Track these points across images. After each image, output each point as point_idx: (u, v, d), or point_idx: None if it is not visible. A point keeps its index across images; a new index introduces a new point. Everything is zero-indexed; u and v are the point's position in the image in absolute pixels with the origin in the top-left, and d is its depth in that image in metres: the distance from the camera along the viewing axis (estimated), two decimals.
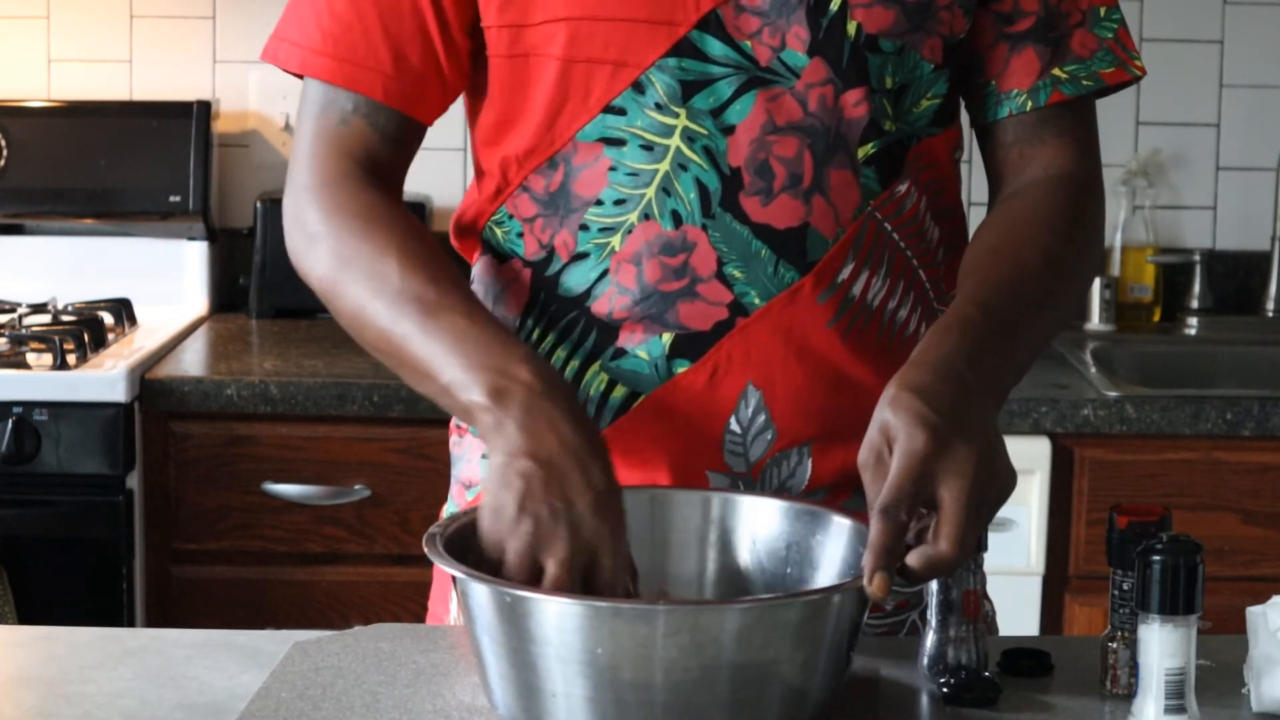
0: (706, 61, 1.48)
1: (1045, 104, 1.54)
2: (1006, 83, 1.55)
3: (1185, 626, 1.25)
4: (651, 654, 1.19)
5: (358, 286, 1.46)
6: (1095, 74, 1.55)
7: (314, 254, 1.50)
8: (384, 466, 2.84)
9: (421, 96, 1.53)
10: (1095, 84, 1.55)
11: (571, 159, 1.51)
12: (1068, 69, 1.55)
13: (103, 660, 1.44)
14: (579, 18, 1.48)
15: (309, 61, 1.53)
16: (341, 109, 1.53)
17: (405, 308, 1.43)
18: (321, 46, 1.52)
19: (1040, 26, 1.54)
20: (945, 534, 1.27)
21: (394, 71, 1.52)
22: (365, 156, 1.52)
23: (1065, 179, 1.55)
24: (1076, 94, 1.55)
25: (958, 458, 1.28)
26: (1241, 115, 3.47)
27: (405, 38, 1.52)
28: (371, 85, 1.51)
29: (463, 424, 1.64)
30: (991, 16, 1.55)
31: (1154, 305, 3.45)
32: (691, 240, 1.49)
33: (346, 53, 1.51)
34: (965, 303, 1.42)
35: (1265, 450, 2.84)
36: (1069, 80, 1.55)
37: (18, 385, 2.76)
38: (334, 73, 1.52)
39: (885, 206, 1.52)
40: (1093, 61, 1.55)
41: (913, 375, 1.33)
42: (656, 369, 1.51)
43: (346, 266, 1.47)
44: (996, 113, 1.56)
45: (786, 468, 1.52)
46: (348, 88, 1.52)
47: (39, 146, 3.31)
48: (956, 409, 1.31)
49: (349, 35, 1.52)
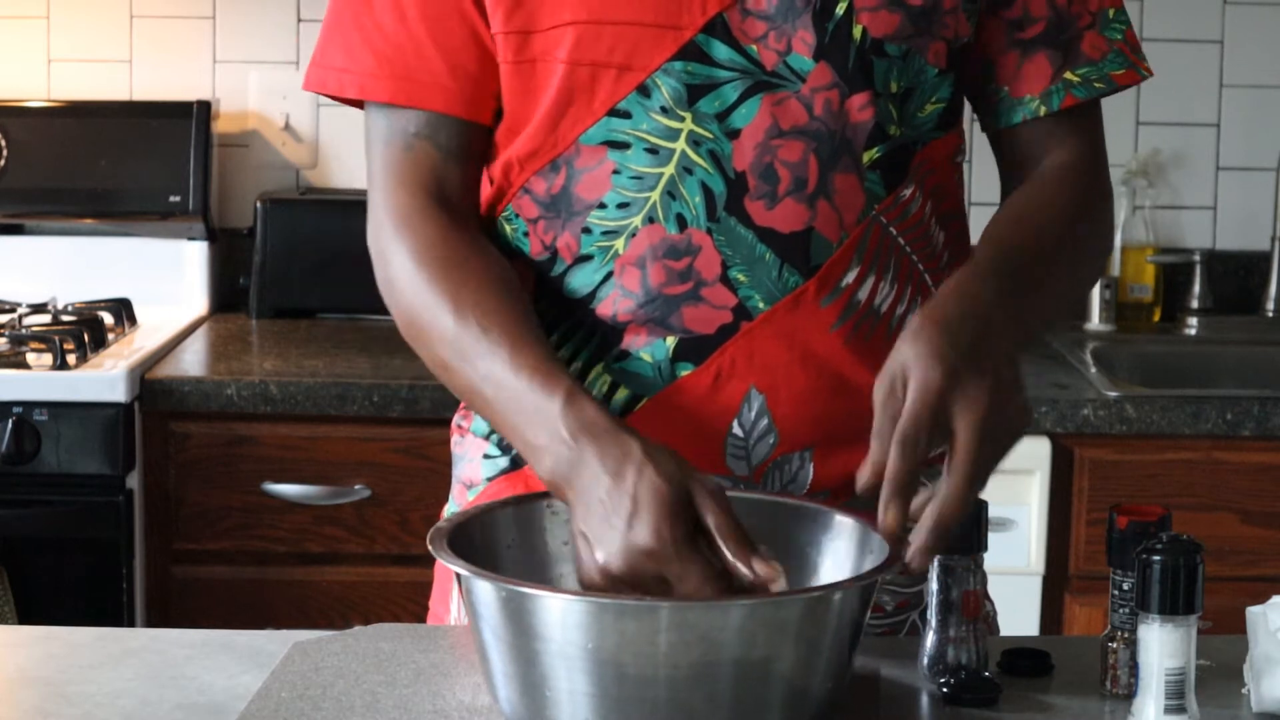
0: (712, 65, 1.48)
1: (1059, 108, 1.56)
2: (1019, 89, 1.56)
3: (1185, 626, 1.25)
4: (654, 651, 1.19)
5: (434, 347, 1.48)
6: (1107, 76, 1.57)
7: (394, 297, 1.53)
8: (384, 466, 2.84)
9: (481, 100, 1.53)
10: (1107, 86, 1.57)
11: (574, 162, 1.51)
12: (1079, 72, 1.56)
13: (103, 660, 1.44)
14: (585, 22, 1.48)
15: (367, 86, 1.53)
16: (404, 132, 1.53)
17: (465, 358, 1.45)
18: (376, 69, 1.52)
19: (1050, 31, 1.55)
20: (958, 467, 1.31)
21: (452, 81, 1.52)
22: (436, 185, 1.53)
23: (1079, 173, 1.57)
24: (1089, 97, 1.56)
25: (971, 392, 1.32)
26: (1241, 115, 3.47)
27: (457, 45, 1.52)
28: (433, 100, 1.52)
29: (463, 424, 1.64)
30: (1002, 24, 1.56)
31: (1154, 305, 3.45)
32: (696, 244, 1.49)
33: (403, 71, 1.52)
34: (989, 248, 1.46)
35: (1265, 450, 2.84)
36: (1081, 84, 1.56)
37: (18, 385, 2.76)
38: (395, 93, 1.52)
39: (890, 211, 1.52)
40: (1104, 64, 1.57)
41: (935, 309, 1.36)
42: (660, 372, 1.51)
43: (419, 322, 1.50)
44: (1010, 119, 1.57)
45: (788, 471, 1.52)
46: (410, 105, 1.52)
47: (39, 146, 3.31)
48: (975, 344, 1.34)
49: (402, 54, 1.52)
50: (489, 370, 1.42)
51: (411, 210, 1.52)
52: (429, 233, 1.51)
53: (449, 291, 1.47)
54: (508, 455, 1.58)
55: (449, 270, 1.48)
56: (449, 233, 1.51)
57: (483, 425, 1.60)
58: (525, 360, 1.41)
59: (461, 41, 1.52)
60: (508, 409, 1.41)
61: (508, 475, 1.58)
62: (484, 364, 1.43)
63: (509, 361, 1.41)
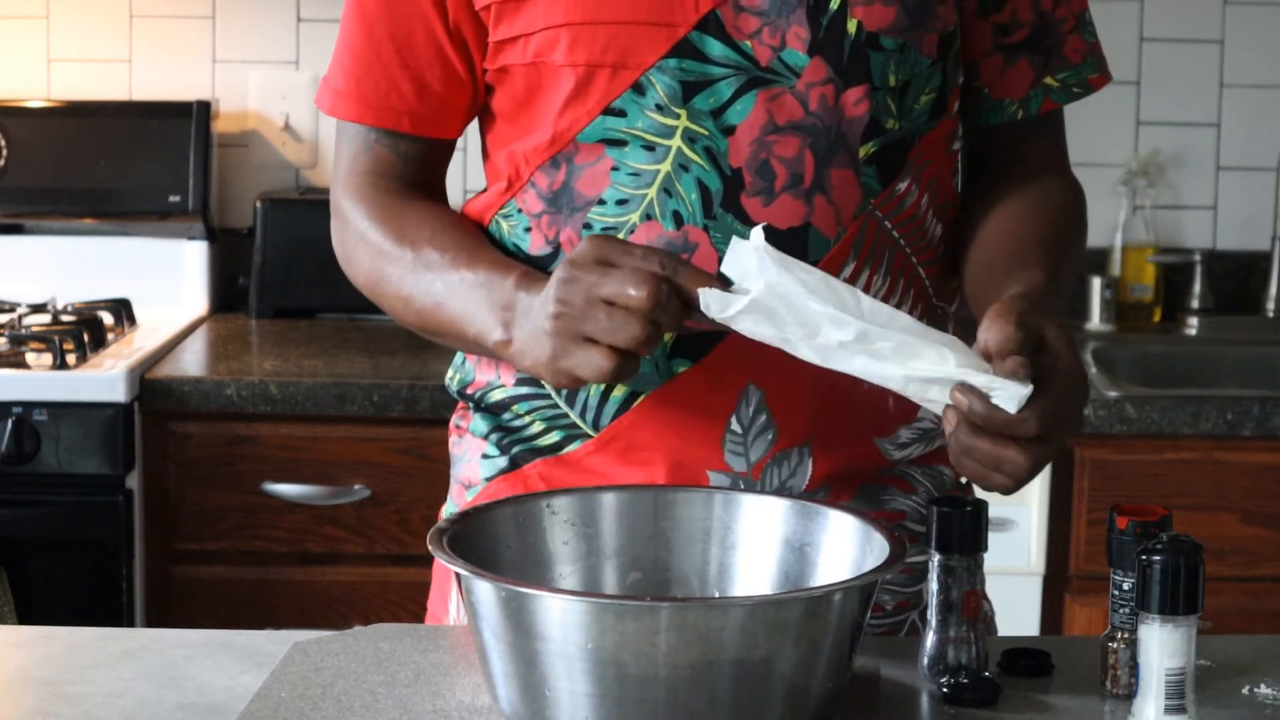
0: (706, 62, 1.48)
1: (1036, 114, 1.60)
2: (1000, 91, 1.60)
3: (1185, 626, 1.25)
4: (654, 651, 1.19)
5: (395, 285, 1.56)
6: (1084, 80, 1.62)
7: (351, 262, 1.61)
8: (384, 466, 2.84)
9: (446, 119, 1.59)
10: (1084, 91, 1.62)
11: (573, 159, 1.52)
12: (1059, 76, 1.60)
13: (102, 660, 1.44)
14: (580, 22, 1.48)
15: (337, 105, 1.61)
16: (365, 139, 1.61)
17: (424, 280, 1.53)
18: (346, 88, 1.59)
19: (1034, 36, 1.59)
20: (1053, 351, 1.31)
21: (417, 103, 1.58)
22: (390, 173, 1.60)
23: (1056, 173, 1.62)
24: (1066, 102, 1.62)
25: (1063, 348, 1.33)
26: (1241, 115, 3.47)
27: (424, 65, 1.57)
28: (398, 121, 1.59)
29: (461, 424, 1.64)
30: (990, 28, 1.58)
31: (1154, 305, 3.45)
32: (693, 241, 1.49)
33: (370, 92, 1.58)
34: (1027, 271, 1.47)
35: (1265, 450, 2.84)
36: (1060, 89, 1.61)
37: (17, 385, 2.76)
38: (360, 114, 1.60)
39: (885, 205, 1.52)
40: (1082, 67, 1.61)
41: (1019, 298, 1.36)
42: (657, 368, 1.51)
43: (376, 272, 1.57)
44: (989, 119, 1.62)
45: (787, 467, 1.52)
46: (375, 126, 1.59)
47: (39, 146, 3.31)
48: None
49: (370, 74, 1.58)
50: (447, 280, 1.51)
51: (362, 185, 1.60)
52: (379, 200, 1.59)
53: (404, 234, 1.56)
54: (506, 455, 1.58)
55: (400, 219, 1.57)
56: (400, 198, 1.59)
57: (481, 425, 1.61)
58: (481, 261, 1.50)
59: (428, 62, 1.57)
60: (466, 304, 1.49)
61: (506, 475, 1.58)
62: (442, 278, 1.51)
63: (466, 265, 1.50)
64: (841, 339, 1.32)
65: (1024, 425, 1.29)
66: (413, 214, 1.57)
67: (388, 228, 1.57)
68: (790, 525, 1.41)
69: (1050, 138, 1.64)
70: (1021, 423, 1.29)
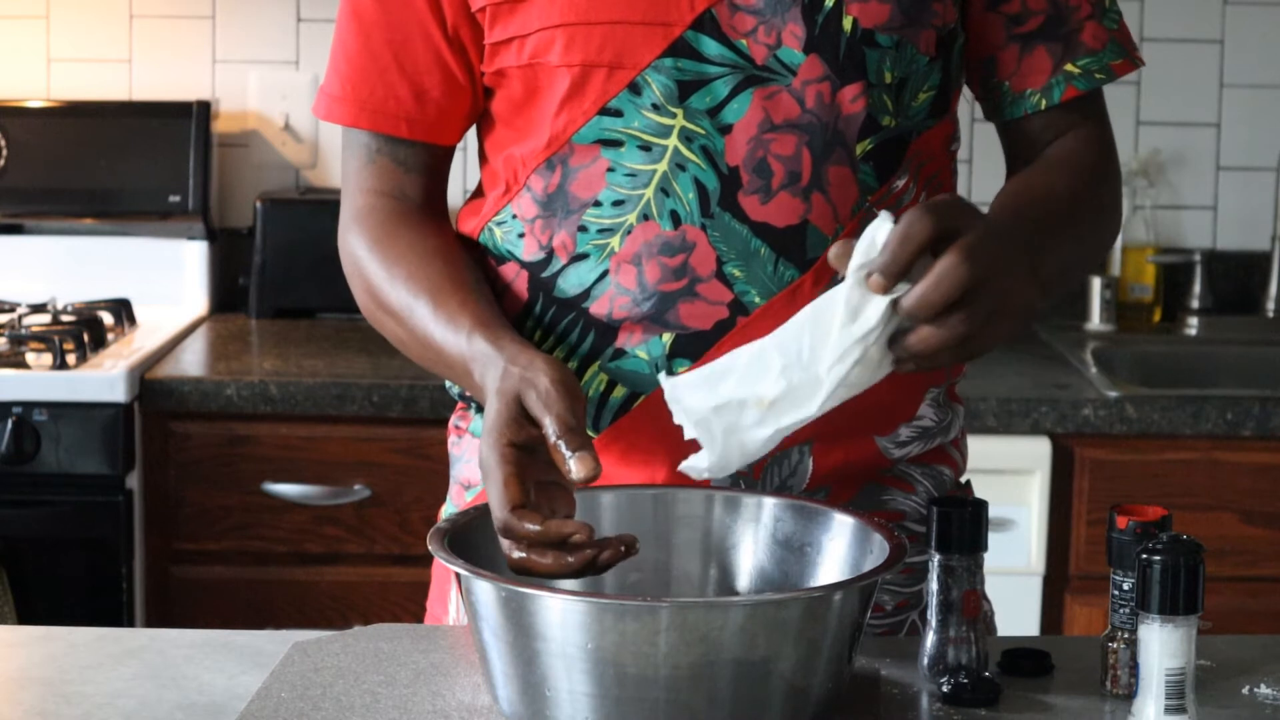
0: (702, 61, 1.48)
1: (1060, 101, 1.56)
2: (1020, 83, 1.57)
3: (1185, 626, 1.25)
4: (654, 651, 1.19)
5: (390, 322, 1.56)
6: (1107, 66, 1.58)
7: (355, 288, 1.60)
8: (384, 466, 2.84)
9: (445, 124, 1.58)
10: (1107, 76, 1.58)
11: (568, 160, 1.52)
12: (1080, 63, 1.57)
13: (102, 660, 1.44)
14: (575, 23, 1.48)
15: (333, 110, 1.60)
16: (367, 148, 1.60)
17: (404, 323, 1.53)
18: (342, 93, 1.59)
19: (1049, 24, 1.56)
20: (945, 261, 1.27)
21: (415, 108, 1.57)
22: (397, 190, 1.60)
23: (1084, 150, 1.58)
24: (1089, 88, 1.57)
25: (990, 245, 1.29)
26: (1241, 115, 3.47)
27: (422, 70, 1.56)
28: (395, 126, 1.58)
29: (460, 424, 1.64)
30: (1001, 19, 1.56)
31: (1154, 305, 3.45)
32: (691, 240, 1.49)
33: (367, 97, 1.58)
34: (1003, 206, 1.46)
35: (1265, 450, 2.84)
36: (1081, 75, 1.57)
37: (17, 385, 2.76)
38: (357, 118, 1.59)
39: (883, 202, 1.52)
40: (1104, 54, 1.57)
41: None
42: (657, 369, 1.51)
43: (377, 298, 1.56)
44: (1013, 112, 1.58)
45: (787, 466, 1.52)
46: (372, 130, 1.58)
47: (39, 146, 3.31)
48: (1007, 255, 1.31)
49: (367, 79, 1.57)
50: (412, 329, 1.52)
51: (363, 207, 1.60)
52: (376, 224, 1.58)
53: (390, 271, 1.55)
54: None
55: (387, 251, 1.56)
56: (398, 223, 1.58)
57: (481, 425, 1.60)
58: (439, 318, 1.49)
59: (426, 66, 1.56)
60: (450, 367, 1.49)
61: None
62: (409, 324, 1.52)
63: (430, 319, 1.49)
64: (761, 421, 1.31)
65: (937, 289, 1.26)
66: (395, 248, 1.56)
67: (377, 262, 1.57)
68: (790, 525, 1.41)
69: (1083, 126, 1.59)
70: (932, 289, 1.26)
